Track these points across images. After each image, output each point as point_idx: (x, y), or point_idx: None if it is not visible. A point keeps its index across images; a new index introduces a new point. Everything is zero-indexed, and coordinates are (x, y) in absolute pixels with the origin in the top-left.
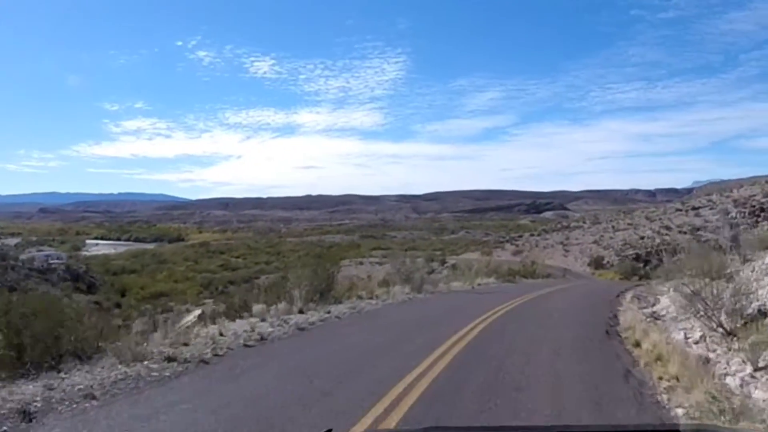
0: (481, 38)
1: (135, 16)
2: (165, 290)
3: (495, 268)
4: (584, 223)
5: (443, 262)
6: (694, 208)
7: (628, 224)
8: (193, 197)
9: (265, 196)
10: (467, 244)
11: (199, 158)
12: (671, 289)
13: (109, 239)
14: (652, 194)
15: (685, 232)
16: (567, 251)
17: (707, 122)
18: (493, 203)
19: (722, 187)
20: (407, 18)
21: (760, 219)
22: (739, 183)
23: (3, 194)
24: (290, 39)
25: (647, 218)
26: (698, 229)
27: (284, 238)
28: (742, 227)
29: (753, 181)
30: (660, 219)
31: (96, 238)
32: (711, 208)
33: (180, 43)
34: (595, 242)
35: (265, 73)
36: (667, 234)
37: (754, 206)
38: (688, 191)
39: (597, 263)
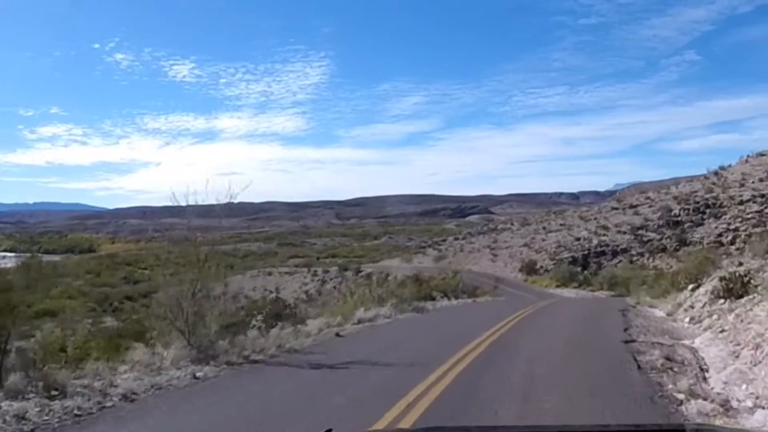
0: (405, 42)
1: (50, 17)
2: (54, 308)
3: (399, 286)
4: (512, 225)
5: (358, 271)
6: (632, 206)
7: (561, 225)
8: (111, 206)
9: (184, 203)
10: (389, 249)
11: (116, 165)
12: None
13: (19, 251)
14: (575, 197)
15: (624, 232)
16: (495, 256)
17: (628, 126)
18: (418, 208)
19: (644, 188)
20: (330, 21)
21: (705, 216)
22: (665, 184)
23: None
24: (211, 42)
25: (581, 218)
26: (639, 228)
27: (199, 247)
28: (686, 225)
29: (677, 181)
30: (595, 218)
31: (5, 250)
32: (650, 206)
33: (97, 46)
34: (525, 245)
35: (184, 77)
36: (605, 234)
37: (698, 203)
38: (611, 193)
39: (529, 268)
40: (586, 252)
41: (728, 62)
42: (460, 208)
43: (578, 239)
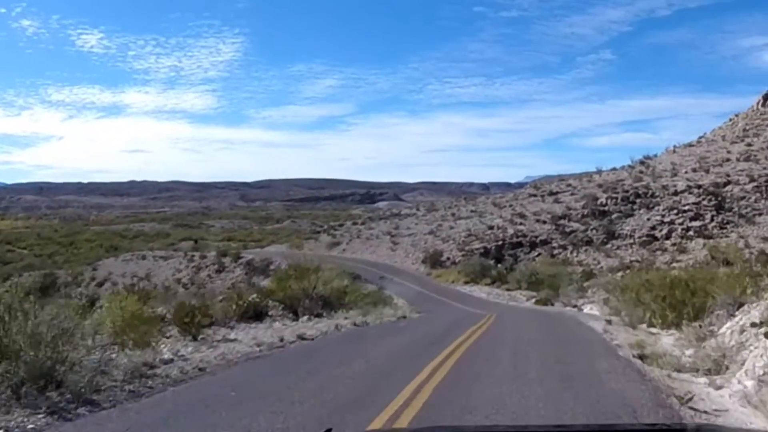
0: (321, 23)
1: None
2: None
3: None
4: (418, 210)
5: (238, 258)
6: (552, 194)
7: (472, 211)
8: (9, 181)
9: (86, 180)
10: (289, 234)
11: (17, 138)
12: None
13: None
14: (486, 187)
15: (544, 222)
16: (396, 244)
17: (542, 120)
18: (327, 192)
19: (554, 180)
20: None
21: (635, 206)
22: (586, 174)
23: None
24: (121, 12)
25: (495, 204)
26: (561, 218)
27: (89, 226)
28: (614, 215)
29: (587, 176)
30: (511, 206)
31: None
32: (572, 194)
33: (3, 10)
34: (431, 233)
35: (92, 47)
36: (521, 223)
37: (626, 191)
38: (521, 185)
39: (434, 260)
40: (500, 242)
41: (642, 63)
42: (369, 193)
43: (491, 228)
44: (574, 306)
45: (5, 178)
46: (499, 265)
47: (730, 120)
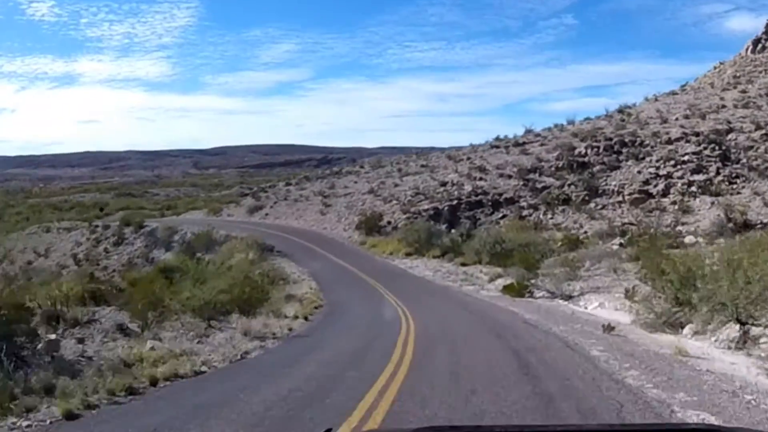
0: None
1: None
2: None
3: None
4: (362, 167)
5: (141, 226)
6: (517, 144)
7: (422, 166)
8: None
9: (39, 153)
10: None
11: None
12: None
13: None
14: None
15: (510, 176)
16: (327, 206)
17: (501, 85)
18: (282, 158)
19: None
20: None
21: (622, 157)
22: (557, 125)
23: None
24: None
25: (450, 158)
26: (531, 171)
27: (29, 199)
28: (597, 167)
29: (557, 127)
30: (469, 158)
31: None
32: (543, 144)
33: None
34: (371, 192)
35: (43, 15)
36: (482, 179)
37: (610, 140)
38: None
39: (371, 225)
40: (454, 202)
41: (604, 29)
42: (326, 159)
43: (444, 184)
44: (568, 297)
45: None
46: (452, 231)
47: (715, 68)
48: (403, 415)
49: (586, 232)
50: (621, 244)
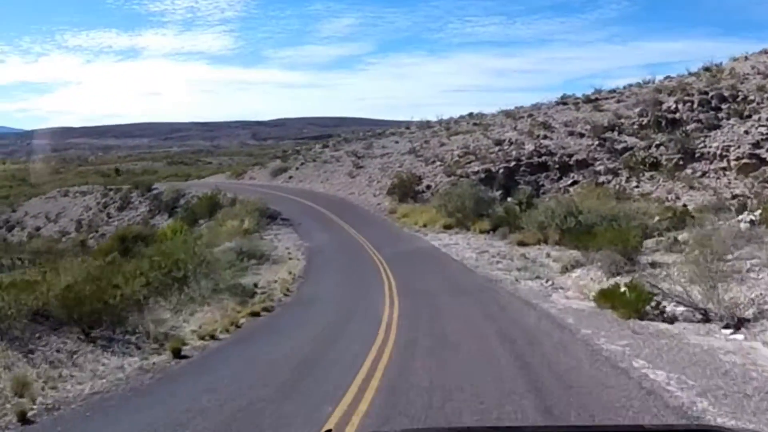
0: None
1: None
2: None
3: None
4: (407, 128)
5: (148, 189)
6: (589, 101)
7: (475, 125)
8: (29, 127)
9: (102, 124)
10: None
11: (35, 85)
12: None
13: None
14: None
15: (582, 134)
16: (359, 168)
17: (562, 61)
18: (340, 131)
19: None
20: None
21: (723, 114)
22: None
23: None
24: None
25: (508, 116)
26: (608, 129)
27: (80, 166)
28: (691, 126)
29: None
30: (531, 115)
31: None
32: (620, 101)
33: None
34: (411, 152)
35: None
36: (546, 136)
37: (705, 94)
38: None
39: (405, 190)
40: (511, 164)
41: (666, 5)
42: (384, 133)
43: (500, 143)
44: (736, 322)
45: (23, 125)
46: (508, 199)
47: None
48: None
49: (685, 205)
50: (752, 221)
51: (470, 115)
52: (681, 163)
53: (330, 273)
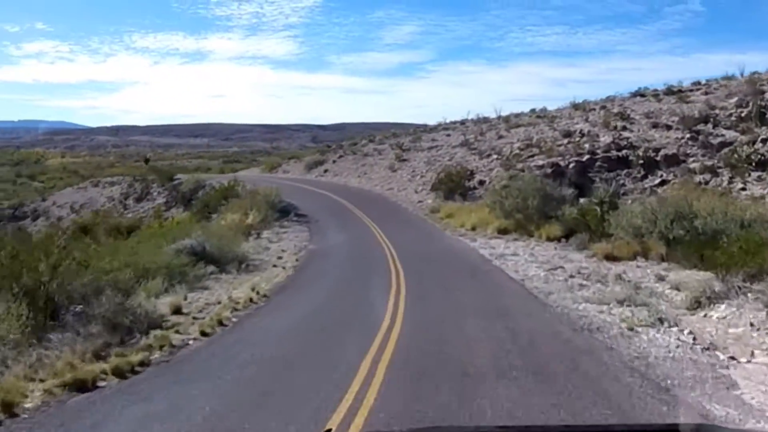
0: None
1: None
2: None
3: None
4: (462, 123)
5: (170, 179)
6: (672, 92)
7: (538, 117)
8: (96, 125)
9: (167, 123)
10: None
11: (103, 84)
12: None
13: None
14: None
15: (668, 126)
16: (402, 161)
17: (623, 71)
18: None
19: None
20: None
21: None
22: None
23: None
24: None
25: (576, 108)
26: (702, 121)
27: (136, 162)
28: None
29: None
30: (604, 107)
31: None
32: (708, 93)
33: None
34: (464, 144)
35: None
36: (625, 128)
37: None
38: None
39: (452, 186)
40: (584, 158)
41: (732, 16)
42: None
43: (569, 135)
44: None
45: (90, 122)
46: (581, 201)
47: None
48: None
49: None
50: None
51: (532, 111)
52: None
53: (314, 294)
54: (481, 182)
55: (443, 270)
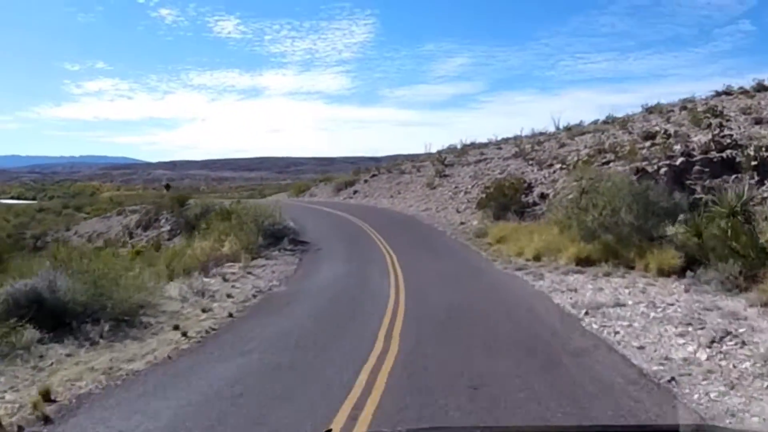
0: (450, 2)
1: None
2: None
3: None
4: (515, 138)
5: (182, 205)
6: (764, 88)
7: (605, 123)
8: (155, 160)
9: (223, 157)
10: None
11: (162, 121)
12: None
13: (24, 198)
14: None
15: None
16: (443, 177)
17: (676, 95)
18: None
19: None
20: None
21: None
22: None
23: None
24: None
25: (651, 111)
26: None
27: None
28: None
29: None
30: (685, 107)
31: (12, 197)
32: None
33: (142, 0)
34: (517, 155)
35: (229, 32)
36: (723, 125)
37: None
38: None
39: (504, 201)
40: (677, 161)
41: None
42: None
43: (650, 137)
44: None
45: (149, 157)
46: (693, 211)
47: None
48: None
49: None
50: None
51: (595, 122)
52: None
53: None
54: (543, 196)
55: (490, 347)
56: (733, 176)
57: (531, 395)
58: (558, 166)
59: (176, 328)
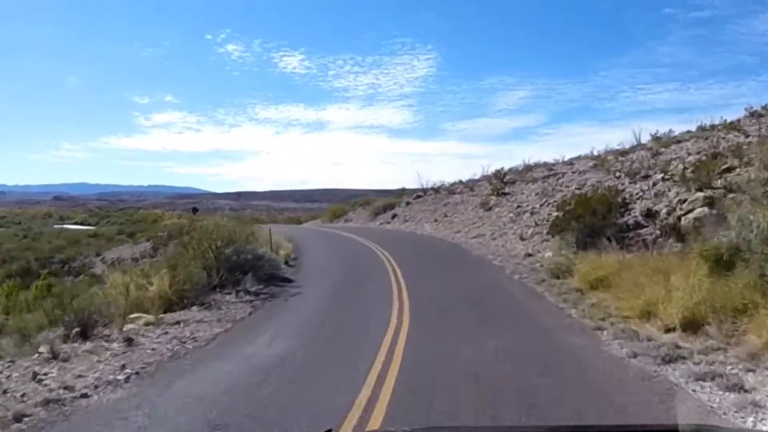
0: (510, 35)
1: (157, 8)
2: None
3: None
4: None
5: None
6: None
7: (702, 130)
8: (220, 190)
9: (287, 189)
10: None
11: (229, 153)
12: None
13: (85, 223)
14: None
15: None
16: (501, 196)
17: None
18: None
19: None
20: (436, 13)
21: None
22: None
23: (40, 183)
24: (319, 33)
25: (755, 115)
26: None
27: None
28: None
29: None
30: None
31: (76, 223)
32: None
33: (209, 37)
34: (595, 167)
35: (294, 68)
36: None
37: None
38: None
39: (591, 220)
40: None
41: None
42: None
43: None
44: None
45: (215, 188)
46: None
47: None
48: None
49: None
50: None
51: (687, 132)
52: None
53: None
54: (650, 214)
55: None
56: None
57: None
58: (660, 176)
59: None
